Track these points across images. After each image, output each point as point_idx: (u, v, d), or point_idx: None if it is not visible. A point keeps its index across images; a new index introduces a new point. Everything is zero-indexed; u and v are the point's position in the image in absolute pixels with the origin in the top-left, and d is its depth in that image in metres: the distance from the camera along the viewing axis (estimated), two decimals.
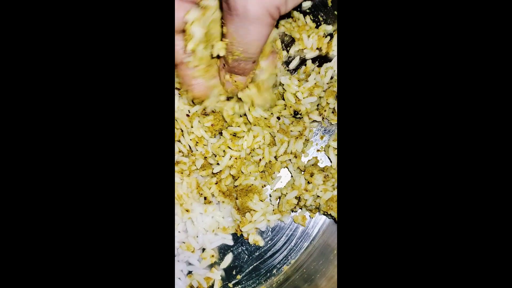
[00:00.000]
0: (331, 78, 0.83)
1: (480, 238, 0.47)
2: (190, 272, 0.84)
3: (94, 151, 0.49)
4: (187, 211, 0.82)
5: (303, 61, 0.86)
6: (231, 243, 0.85)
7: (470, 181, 0.48)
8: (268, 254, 0.86)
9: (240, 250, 0.85)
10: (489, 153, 0.47)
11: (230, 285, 0.84)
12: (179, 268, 0.83)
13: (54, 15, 0.49)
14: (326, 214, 0.83)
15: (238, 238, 0.86)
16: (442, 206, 0.48)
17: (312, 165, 0.84)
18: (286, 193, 0.81)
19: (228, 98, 0.78)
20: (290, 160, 0.83)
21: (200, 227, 0.84)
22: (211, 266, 0.84)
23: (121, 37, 0.50)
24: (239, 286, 0.84)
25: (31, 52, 0.48)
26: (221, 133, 0.80)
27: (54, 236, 0.48)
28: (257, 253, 0.85)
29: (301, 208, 0.85)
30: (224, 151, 0.79)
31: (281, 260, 0.86)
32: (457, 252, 0.48)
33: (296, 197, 0.81)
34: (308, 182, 0.80)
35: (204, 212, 0.82)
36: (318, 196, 0.80)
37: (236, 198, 0.81)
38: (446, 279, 0.48)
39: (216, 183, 0.81)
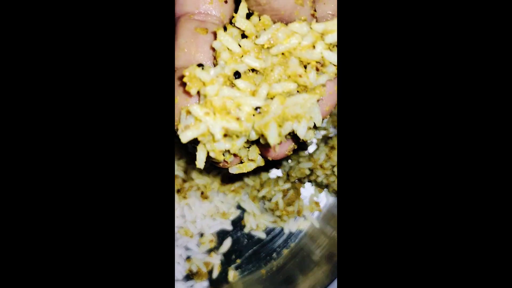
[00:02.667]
0: None
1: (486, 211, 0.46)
2: (189, 257, 0.83)
3: (92, 148, 0.47)
4: (184, 197, 0.80)
5: None
6: (230, 228, 0.84)
7: (470, 162, 0.46)
8: (268, 238, 0.84)
9: (239, 235, 0.84)
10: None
11: (230, 269, 0.83)
12: (178, 253, 0.83)
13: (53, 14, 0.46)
14: (335, 193, 0.82)
15: (237, 222, 0.84)
16: (444, 207, 0.47)
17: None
18: (301, 161, 0.79)
19: None
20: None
21: (198, 212, 0.82)
22: (210, 250, 0.83)
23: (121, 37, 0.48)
24: (239, 270, 0.83)
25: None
26: None
27: (50, 224, 0.47)
28: (256, 237, 0.84)
29: (310, 181, 0.83)
30: None
31: (281, 243, 0.84)
32: (460, 253, 0.47)
33: (309, 169, 0.79)
34: (328, 157, 0.78)
35: (202, 200, 0.81)
36: (333, 173, 0.78)
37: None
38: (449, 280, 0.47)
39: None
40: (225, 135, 0.41)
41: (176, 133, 0.44)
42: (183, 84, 0.41)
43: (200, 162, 0.43)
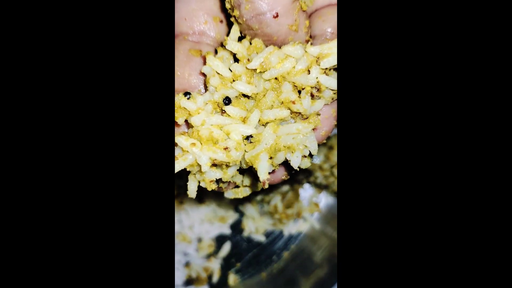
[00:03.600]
0: None
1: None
2: (188, 263, 0.82)
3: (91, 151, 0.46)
4: (181, 202, 0.78)
5: None
6: (228, 232, 0.82)
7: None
8: (268, 241, 0.83)
9: (238, 238, 0.83)
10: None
11: (230, 273, 0.82)
12: (176, 259, 0.81)
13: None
14: (334, 193, 0.80)
15: (236, 226, 0.83)
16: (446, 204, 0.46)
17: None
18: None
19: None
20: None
21: (195, 217, 0.81)
22: (209, 255, 0.82)
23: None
24: (239, 274, 0.82)
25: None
26: None
27: (52, 224, 0.46)
28: (255, 240, 0.83)
29: (309, 183, 0.81)
30: None
31: (281, 246, 0.83)
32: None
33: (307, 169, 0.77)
34: (327, 158, 0.76)
35: (199, 205, 0.79)
36: (332, 173, 0.76)
37: None
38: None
39: None
40: (215, 165, 0.39)
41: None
42: None
43: (192, 192, 0.41)
